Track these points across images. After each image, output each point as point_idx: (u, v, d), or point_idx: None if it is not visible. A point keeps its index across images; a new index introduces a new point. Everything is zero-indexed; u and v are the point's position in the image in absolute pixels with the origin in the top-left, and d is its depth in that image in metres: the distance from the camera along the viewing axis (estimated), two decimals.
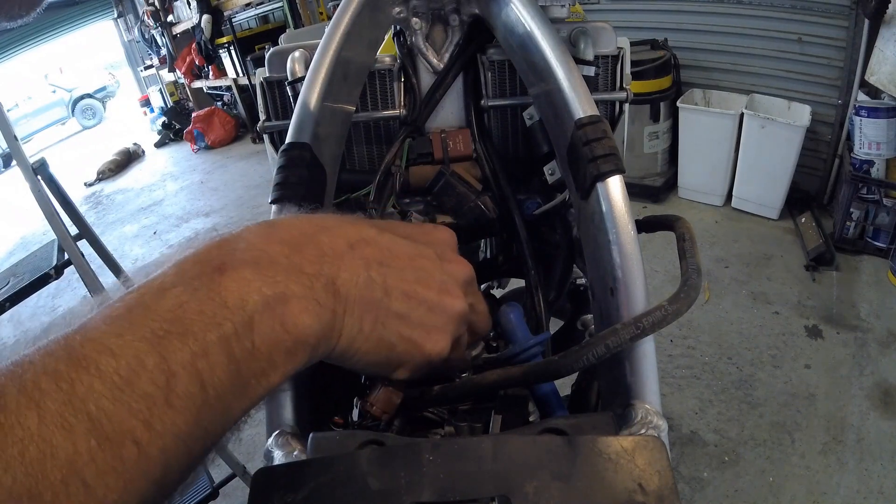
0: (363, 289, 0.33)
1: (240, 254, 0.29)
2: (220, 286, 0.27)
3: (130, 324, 0.25)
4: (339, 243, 0.33)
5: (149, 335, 0.25)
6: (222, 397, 0.27)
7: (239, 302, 0.27)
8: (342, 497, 0.29)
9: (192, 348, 0.26)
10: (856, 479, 1.57)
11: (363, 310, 0.33)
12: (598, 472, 0.28)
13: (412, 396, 0.43)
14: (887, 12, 2.18)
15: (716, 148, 2.80)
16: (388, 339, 0.35)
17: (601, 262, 0.47)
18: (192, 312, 0.26)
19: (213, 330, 0.26)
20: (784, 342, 2.08)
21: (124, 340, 0.24)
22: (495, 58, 0.70)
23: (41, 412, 0.22)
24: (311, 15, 5.10)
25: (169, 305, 0.26)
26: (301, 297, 0.29)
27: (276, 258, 0.30)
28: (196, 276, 0.28)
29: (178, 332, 0.25)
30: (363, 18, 0.62)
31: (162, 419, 0.24)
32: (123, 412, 0.23)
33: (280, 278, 0.29)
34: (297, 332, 0.29)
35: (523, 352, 0.47)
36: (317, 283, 0.31)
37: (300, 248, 0.31)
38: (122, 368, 0.24)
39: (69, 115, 9.51)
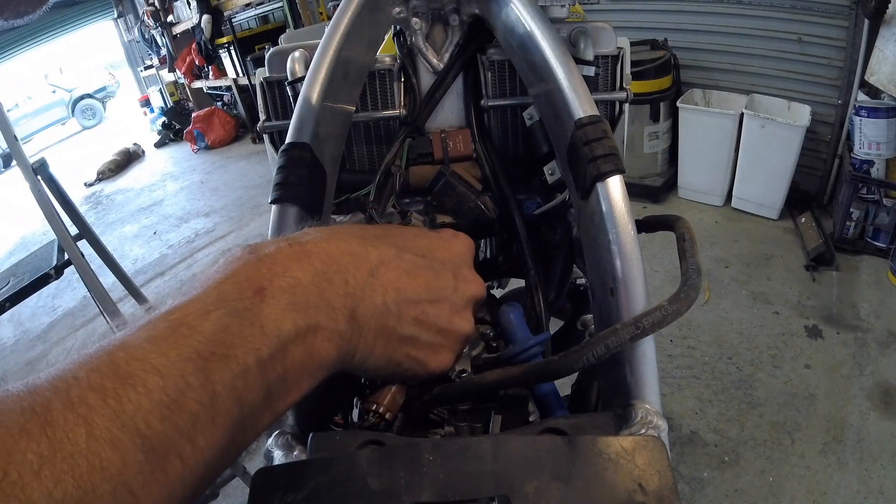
0: (379, 317, 0.36)
1: (277, 280, 0.31)
2: (260, 313, 0.29)
3: (176, 344, 0.26)
4: (361, 273, 0.36)
5: (194, 356, 0.26)
6: (254, 414, 0.29)
7: (275, 330, 0.30)
8: (342, 497, 0.29)
9: (234, 370, 0.27)
10: (856, 479, 1.57)
11: (376, 335, 0.36)
12: (598, 472, 0.28)
13: (412, 396, 0.43)
14: (887, 12, 2.18)
15: (716, 148, 2.80)
16: (395, 359, 0.38)
17: (601, 262, 0.47)
18: (234, 336, 0.28)
19: (252, 354, 0.28)
20: (784, 342, 2.08)
21: (170, 360, 0.26)
22: (495, 58, 0.70)
23: (90, 428, 0.22)
24: (311, 15, 5.10)
25: (212, 328, 0.28)
26: (326, 329, 0.32)
27: (309, 289, 0.32)
28: (237, 299, 0.30)
29: (221, 353, 0.27)
30: (363, 18, 0.62)
31: (205, 436, 0.26)
32: (171, 430, 0.25)
33: (311, 311, 0.32)
34: (319, 359, 0.32)
35: (523, 352, 0.47)
36: (341, 315, 0.33)
37: (330, 279, 0.34)
38: (170, 388, 0.25)
39: (69, 115, 9.50)
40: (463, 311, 0.42)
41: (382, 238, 0.40)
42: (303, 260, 0.33)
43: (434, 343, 0.40)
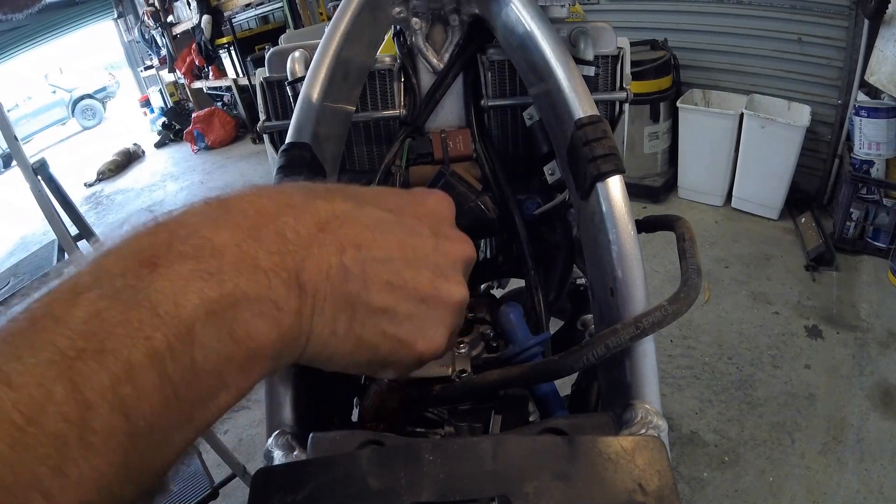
0: (335, 281, 0.27)
1: (178, 243, 0.23)
2: (150, 288, 0.22)
3: (33, 343, 0.20)
4: (305, 224, 0.27)
5: (56, 357, 0.20)
6: (157, 429, 0.21)
7: (173, 308, 0.22)
8: (342, 497, 0.29)
9: (113, 370, 0.20)
10: (856, 479, 1.57)
11: (336, 308, 0.27)
12: (598, 472, 0.28)
13: (412, 396, 0.43)
14: (887, 12, 2.18)
15: (716, 148, 2.80)
16: (368, 339, 0.29)
17: (601, 262, 0.47)
18: (112, 323, 0.21)
19: (139, 345, 0.21)
20: (784, 342, 2.08)
21: (25, 365, 0.19)
22: (495, 58, 0.70)
23: None
24: (311, 15, 5.10)
25: (82, 315, 0.21)
26: (254, 299, 0.24)
27: (224, 248, 0.24)
28: (119, 274, 0.22)
29: (94, 349, 0.20)
30: (363, 18, 0.62)
31: (77, 463, 0.19)
32: (27, 458, 0.18)
33: (228, 275, 0.23)
34: (250, 343, 0.24)
35: (523, 352, 0.47)
36: (275, 279, 0.25)
37: (256, 233, 0.25)
38: (23, 402, 0.18)
39: (69, 115, 9.50)
40: (450, 273, 0.32)
41: (335, 192, 0.30)
42: (219, 218, 0.25)
43: (417, 315, 0.30)
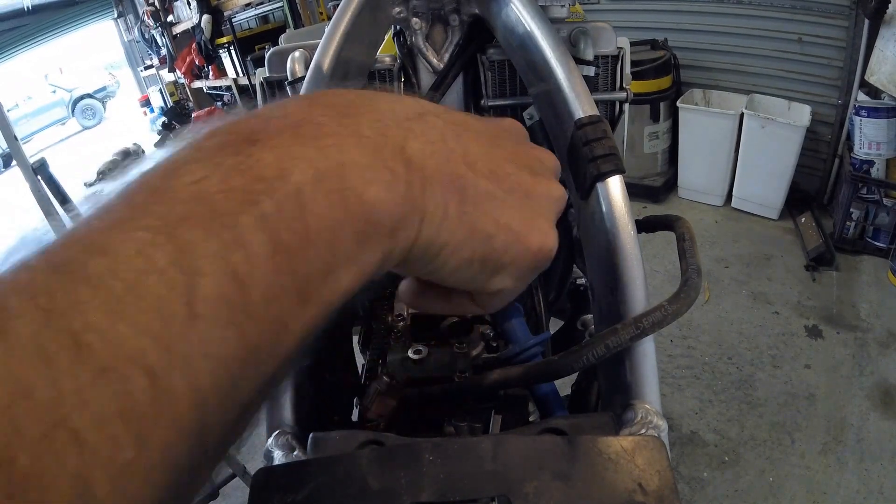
0: (441, 160, 0.24)
1: (275, 121, 0.22)
2: (252, 158, 0.20)
3: (131, 211, 0.18)
4: (402, 108, 0.25)
5: (156, 223, 0.18)
6: (273, 302, 0.19)
7: (279, 174, 0.20)
8: (342, 497, 0.29)
9: (221, 236, 0.18)
10: (856, 479, 1.57)
11: (444, 188, 0.24)
12: (598, 472, 0.28)
13: (412, 396, 0.43)
14: (887, 12, 2.18)
15: (716, 148, 2.80)
16: (482, 226, 0.26)
17: (601, 262, 0.47)
18: (216, 191, 0.19)
19: (246, 210, 0.19)
20: (784, 342, 2.08)
21: (123, 232, 0.17)
22: (495, 58, 0.70)
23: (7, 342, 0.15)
24: (311, 15, 5.10)
25: (182, 186, 0.19)
26: (364, 165, 0.22)
27: (323, 121, 0.22)
28: (218, 148, 0.20)
29: (198, 215, 0.18)
30: (363, 18, 0.62)
31: (185, 337, 0.17)
32: (125, 329, 0.16)
33: (332, 142, 0.21)
34: (365, 209, 0.21)
35: (523, 352, 0.47)
36: (386, 151, 0.23)
37: (353, 110, 0.23)
38: (121, 267, 0.17)
39: (69, 115, 9.50)
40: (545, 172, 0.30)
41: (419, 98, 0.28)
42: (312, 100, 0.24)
43: (524, 207, 0.27)
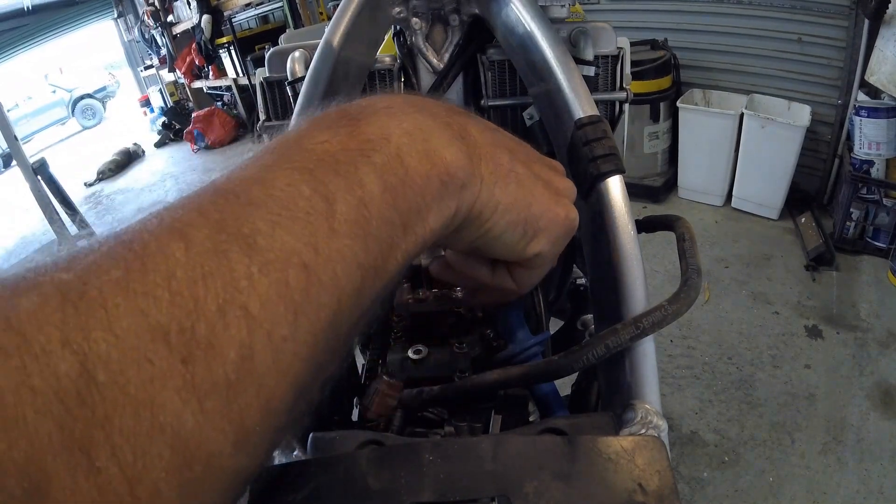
0: (491, 143, 0.31)
1: (370, 107, 0.28)
2: (358, 129, 0.26)
3: (277, 158, 0.24)
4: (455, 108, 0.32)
5: (299, 166, 0.23)
6: (385, 228, 0.24)
7: (383, 137, 0.26)
8: (342, 497, 0.29)
9: (346, 177, 0.24)
10: (856, 479, 1.57)
11: (495, 162, 0.31)
12: (597, 472, 0.28)
13: (411, 396, 0.43)
14: (887, 12, 2.18)
15: (716, 148, 2.80)
16: (523, 195, 0.32)
17: (601, 262, 0.47)
18: (336, 150, 0.25)
19: (363, 161, 0.25)
20: (784, 342, 2.08)
21: (273, 172, 0.23)
22: (495, 58, 0.70)
23: (187, 241, 0.19)
24: (311, 15, 5.10)
25: (310, 144, 0.25)
26: (441, 133, 0.28)
27: (407, 108, 0.29)
28: (333, 123, 0.26)
29: (327, 164, 0.24)
30: (363, 18, 0.62)
31: (329, 243, 0.22)
32: (284, 234, 0.21)
33: (416, 118, 0.28)
34: (445, 165, 0.27)
35: (523, 352, 0.47)
36: (452, 126, 0.29)
37: (425, 104, 0.30)
38: (277, 193, 0.22)
39: (69, 115, 9.50)
40: (561, 173, 0.37)
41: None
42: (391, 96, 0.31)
43: (548, 191, 0.34)
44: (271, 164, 0.23)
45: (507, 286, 0.39)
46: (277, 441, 0.22)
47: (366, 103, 0.29)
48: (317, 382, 0.23)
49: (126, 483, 0.16)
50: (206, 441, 0.18)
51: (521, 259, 0.35)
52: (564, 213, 0.35)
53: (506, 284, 0.38)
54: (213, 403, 0.18)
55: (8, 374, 0.15)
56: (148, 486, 0.16)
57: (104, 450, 0.16)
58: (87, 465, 0.15)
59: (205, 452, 0.18)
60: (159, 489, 0.17)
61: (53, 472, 0.15)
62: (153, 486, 0.17)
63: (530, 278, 0.38)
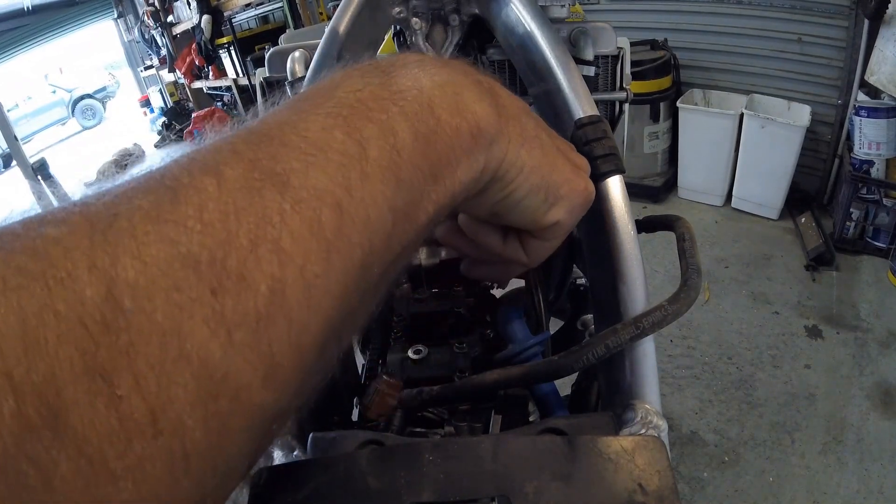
0: (517, 108, 0.32)
1: (401, 62, 0.28)
2: (391, 79, 0.26)
3: (311, 104, 0.24)
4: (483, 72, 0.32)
5: (333, 112, 0.23)
6: (415, 175, 0.25)
7: (415, 87, 0.26)
8: (342, 497, 0.29)
9: (378, 124, 0.24)
10: (856, 479, 1.57)
11: (521, 125, 0.31)
12: (597, 472, 0.28)
13: (411, 396, 0.43)
14: (887, 12, 2.18)
15: (716, 148, 2.80)
16: (547, 160, 0.32)
17: (601, 262, 0.47)
18: (368, 98, 0.25)
19: (394, 109, 0.25)
20: (784, 342, 2.08)
21: (307, 116, 0.23)
22: (495, 58, 0.70)
23: (220, 177, 0.19)
24: (311, 15, 5.10)
25: (343, 93, 0.25)
26: (471, 88, 0.28)
27: (438, 64, 0.29)
28: (364, 73, 0.27)
29: (361, 111, 0.24)
30: (363, 18, 0.62)
31: (362, 185, 0.22)
32: (317, 174, 0.21)
33: (449, 73, 0.28)
34: (475, 118, 0.28)
35: (523, 351, 0.47)
36: (482, 84, 0.30)
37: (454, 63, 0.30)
38: (311, 136, 0.22)
39: (69, 115, 9.50)
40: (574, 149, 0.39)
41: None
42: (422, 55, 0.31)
43: (568, 163, 0.35)
44: (306, 109, 0.23)
45: (518, 257, 0.38)
46: (307, 383, 0.21)
47: (397, 58, 0.29)
48: (347, 325, 0.23)
49: (148, 413, 0.16)
50: (233, 373, 0.17)
51: (538, 226, 0.35)
52: (584, 185, 0.35)
53: (517, 255, 0.38)
54: (241, 335, 0.17)
55: (32, 297, 0.15)
56: (171, 418, 0.16)
57: (127, 378, 0.15)
58: (108, 393, 0.15)
59: (232, 385, 0.17)
60: (183, 421, 0.16)
61: (72, 399, 0.15)
62: (177, 417, 0.16)
63: (542, 250, 0.38)
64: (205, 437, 0.17)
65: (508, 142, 0.30)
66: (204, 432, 0.17)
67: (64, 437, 0.14)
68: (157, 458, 0.16)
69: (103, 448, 0.15)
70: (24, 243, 0.16)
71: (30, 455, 0.14)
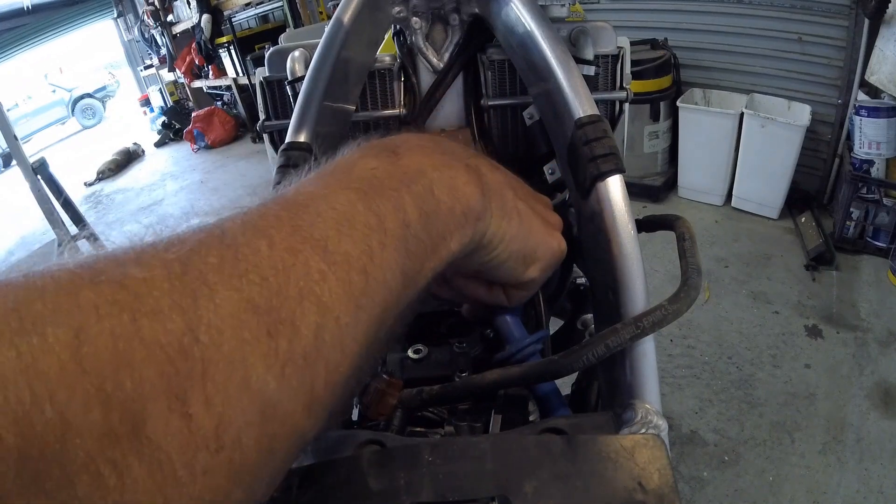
0: (497, 184, 0.37)
1: (405, 145, 0.33)
2: (400, 160, 0.31)
3: (334, 181, 0.28)
4: (470, 152, 0.38)
5: (354, 187, 0.27)
6: (419, 247, 0.29)
7: (419, 171, 0.31)
8: (342, 497, 0.29)
9: (391, 201, 0.28)
10: (856, 479, 1.57)
11: (502, 199, 0.36)
12: (597, 472, 0.28)
13: (411, 396, 0.43)
14: (887, 12, 2.18)
15: (716, 148, 2.80)
16: (524, 228, 0.38)
17: (601, 262, 0.46)
18: (382, 178, 0.29)
19: (404, 189, 0.29)
20: (784, 342, 2.08)
21: (333, 191, 0.27)
22: (495, 57, 0.70)
23: (270, 240, 0.22)
24: (311, 15, 5.10)
25: (361, 171, 0.29)
26: (463, 171, 0.33)
27: (436, 148, 0.34)
28: (376, 154, 0.31)
29: (376, 188, 0.28)
30: (363, 18, 0.62)
31: (382, 254, 0.26)
32: (347, 242, 0.25)
33: (444, 159, 0.33)
34: (466, 200, 0.32)
35: (520, 350, 0.47)
36: (470, 167, 0.34)
37: (449, 147, 0.35)
38: (339, 208, 0.25)
39: (69, 114, 9.50)
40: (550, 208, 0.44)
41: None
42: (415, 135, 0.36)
43: (543, 224, 0.41)
44: (331, 184, 0.27)
45: (500, 302, 0.45)
46: (335, 411, 0.25)
47: (402, 140, 0.34)
48: (366, 365, 0.27)
49: (214, 430, 0.18)
50: (283, 402, 0.21)
51: (517, 283, 0.41)
52: (557, 244, 0.42)
53: (499, 301, 0.44)
54: (291, 371, 0.21)
55: (122, 325, 0.17)
56: (232, 435, 0.19)
57: (198, 398, 0.18)
58: (182, 410, 0.18)
59: (281, 412, 0.21)
60: (241, 439, 0.19)
61: (151, 413, 0.17)
62: (236, 435, 0.19)
63: (521, 297, 0.45)
64: (257, 453, 0.20)
65: (492, 216, 0.35)
66: (256, 450, 0.20)
67: (141, 445, 0.17)
68: (217, 469, 0.19)
69: (173, 457, 0.17)
70: (112, 278, 0.18)
71: (110, 458, 0.16)
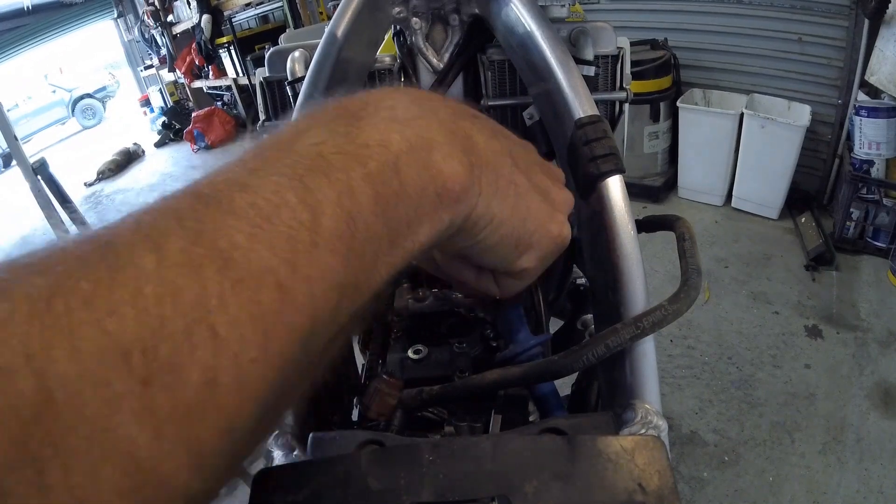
0: (493, 153, 0.30)
1: (371, 105, 0.27)
2: (360, 129, 0.25)
3: (266, 161, 0.23)
4: (464, 109, 0.31)
5: (288, 172, 0.22)
6: (370, 243, 0.24)
7: (381, 143, 0.25)
8: (342, 497, 0.29)
9: (337, 186, 0.23)
10: (856, 479, 1.57)
11: (497, 173, 0.30)
12: (597, 472, 0.28)
13: (411, 396, 0.43)
14: (887, 12, 2.18)
15: (716, 148, 2.80)
16: (519, 209, 0.32)
17: (601, 262, 0.47)
18: (331, 153, 0.24)
19: (356, 168, 0.24)
20: (784, 342, 2.08)
21: (260, 176, 0.22)
22: (495, 57, 0.70)
23: (160, 253, 0.18)
24: (311, 15, 5.11)
25: (306, 145, 0.24)
26: (443, 144, 0.27)
27: (411, 111, 0.27)
28: (332, 120, 0.26)
29: (321, 168, 0.23)
30: (363, 18, 0.62)
31: (308, 260, 0.21)
32: (262, 249, 0.20)
33: (420, 124, 0.27)
34: (443, 178, 0.26)
35: (524, 352, 0.47)
36: (456, 135, 0.28)
37: (432, 104, 0.29)
38: (260, 202, 0.21)
39: (69, 115, 9.49)
40: (559, 182, 0.37)
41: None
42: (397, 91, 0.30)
43: (544, 202, 0.34)
44: (259, 168, 0.22)
45: (490, 291, 0.38)
46: (237, 463, 0.21)
47: (368, 99, 0.27)
48: (283, 403, 0.23)
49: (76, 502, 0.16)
50: (160, 465, 0.17)
51: (508, 271, 0.35)
52: (557, 231, 0.34)
53: (489, 289, 0.38)
54: (170, 428, 0.17)
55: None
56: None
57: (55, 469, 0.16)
58: (39, 483, 0.15)
59: (158, 476, 0.17)
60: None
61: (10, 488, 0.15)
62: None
63: (514, 287, 0.38)
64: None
65: (479, 195, 0.29)
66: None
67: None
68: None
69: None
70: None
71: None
